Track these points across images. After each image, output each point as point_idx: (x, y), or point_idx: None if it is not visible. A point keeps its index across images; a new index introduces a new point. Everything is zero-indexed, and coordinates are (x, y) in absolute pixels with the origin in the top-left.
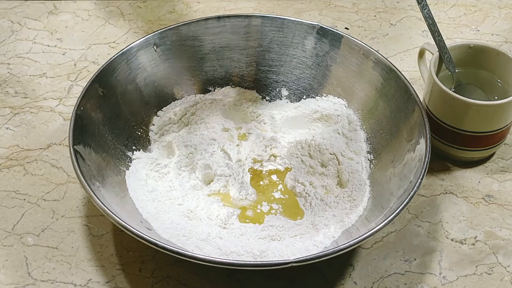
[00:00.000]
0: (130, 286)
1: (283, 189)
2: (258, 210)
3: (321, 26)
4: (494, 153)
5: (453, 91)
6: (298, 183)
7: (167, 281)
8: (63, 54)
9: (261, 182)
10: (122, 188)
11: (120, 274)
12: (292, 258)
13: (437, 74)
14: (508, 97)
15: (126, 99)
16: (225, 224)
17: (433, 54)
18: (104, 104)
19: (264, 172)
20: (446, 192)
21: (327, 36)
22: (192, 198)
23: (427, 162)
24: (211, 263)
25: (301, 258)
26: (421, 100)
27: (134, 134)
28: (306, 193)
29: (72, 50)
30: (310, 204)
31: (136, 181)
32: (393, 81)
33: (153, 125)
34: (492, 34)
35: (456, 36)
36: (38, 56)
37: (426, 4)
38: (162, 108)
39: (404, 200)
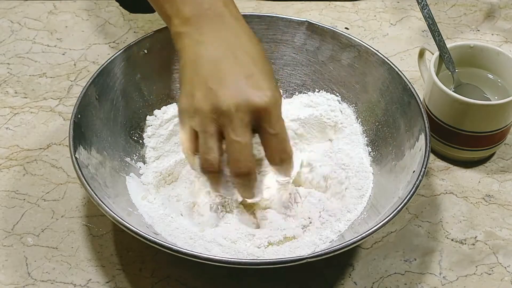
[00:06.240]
0: (130, 286)
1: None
2: (259, 209)
3: (309, 22)
4: (494, 153)
5: (453, 91)
6: (298, 178)
7: (167, 281)
8: (63, 54)
9: (261, 181)
10: (122, 190)
11: (120, 274)
12: (292, 257)
13: (437, 74)
14: (508, 97)
15: (126, 99)
16: (225, 224)
17: (433, 54)
18: (104, 104)
19: (262, 169)
20: (446, 192)
21: (316, 32)
22: (192, 198)
23: (427, 161)
24: (211, 262)
25: (296, 258)
26: (421, 100)
27: (134, 134)
28: (305, 187)
29: (72, 50)
30: (310, 199)
31: (137, 183)
32: (393, 81)
33: (152, 126)
34: (492, 34)
35: (456, 36)
36: (38, 56)
37: (426, 4)
38: (162, 108)
39: (404, 200)
